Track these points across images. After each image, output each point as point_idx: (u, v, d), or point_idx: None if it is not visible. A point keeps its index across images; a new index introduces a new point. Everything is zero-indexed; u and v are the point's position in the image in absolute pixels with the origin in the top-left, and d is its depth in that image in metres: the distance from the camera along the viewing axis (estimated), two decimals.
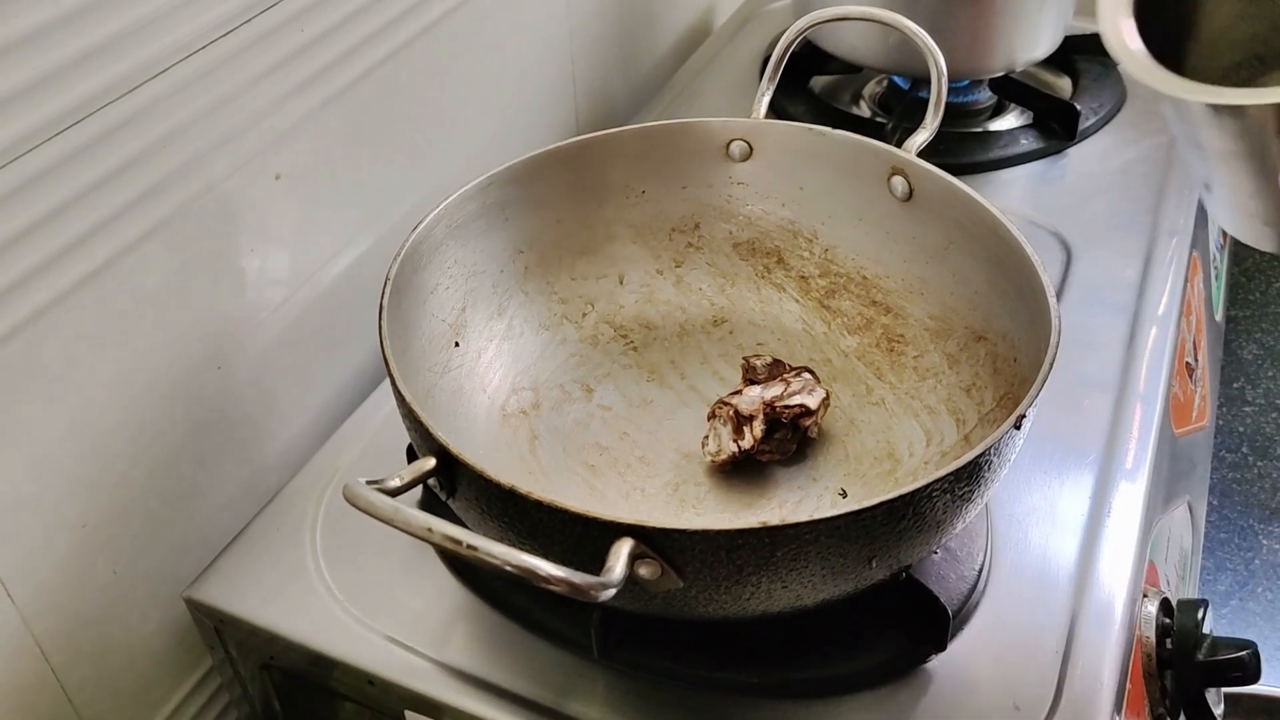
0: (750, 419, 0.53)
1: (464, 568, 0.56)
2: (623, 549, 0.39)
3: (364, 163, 0.67)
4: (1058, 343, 0.46)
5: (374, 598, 0.55)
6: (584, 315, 0.65)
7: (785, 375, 0.57)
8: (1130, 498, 0.58)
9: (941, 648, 0.50)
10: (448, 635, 0.53)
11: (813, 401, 0.54)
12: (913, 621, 0.50)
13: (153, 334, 0.55)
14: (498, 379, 0.60)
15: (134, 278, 0.53)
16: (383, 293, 0.51)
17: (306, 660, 0.54)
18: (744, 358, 0.58)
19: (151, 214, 0.53)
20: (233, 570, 0.56)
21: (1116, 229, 0.77)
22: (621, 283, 0.66)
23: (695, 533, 0.39)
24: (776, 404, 0.54)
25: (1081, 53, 0.94)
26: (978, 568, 0.54)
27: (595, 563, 0.39)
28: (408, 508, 0.37)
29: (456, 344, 0.58)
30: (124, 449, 0.55)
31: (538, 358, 0.62)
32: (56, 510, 0.52)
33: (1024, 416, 0.43)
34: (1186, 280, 0.74)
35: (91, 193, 0.50)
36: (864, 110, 0.94)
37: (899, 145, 0.60)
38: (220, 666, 0.59)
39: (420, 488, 0.51)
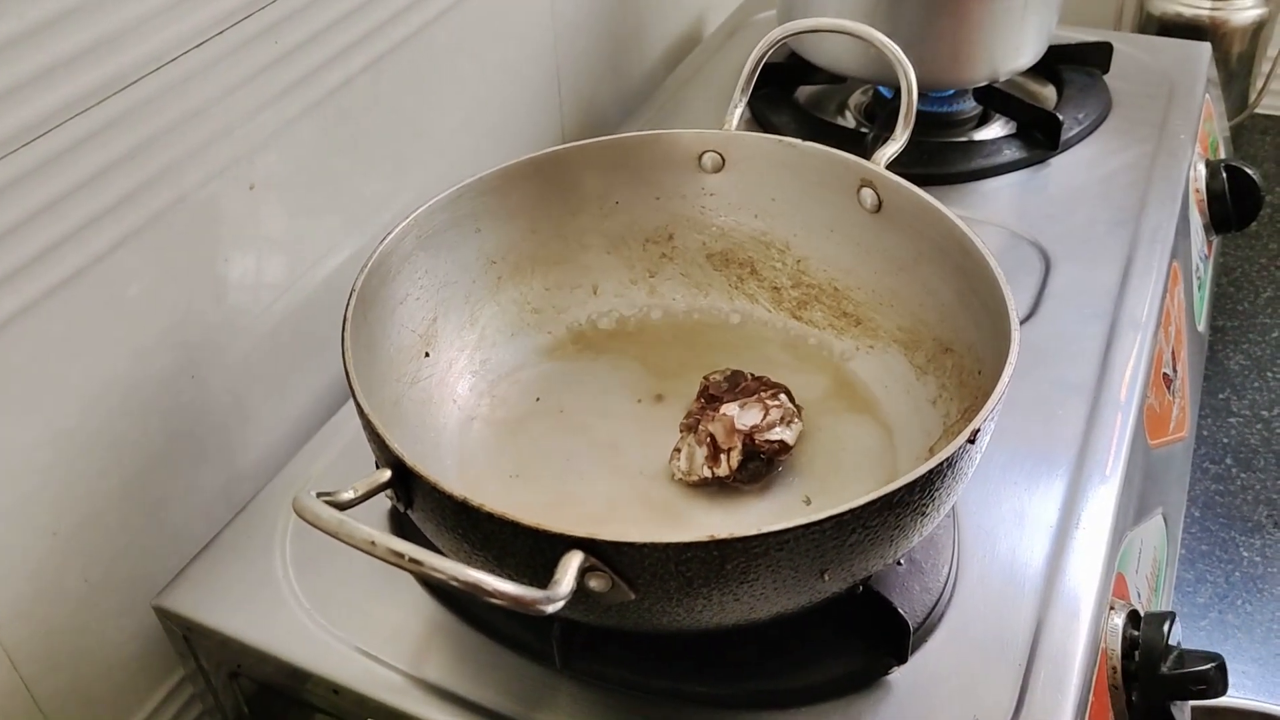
0: (728, 451, 0.53)
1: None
2: (572, 562, 0.39)
3: (343, 172, 0.67)
4: (1015, 360, 0.46)
5: (342, 607, 0.55)
6: (557, 324, 0.65)
7: (763, 396, 0.56)
8: (1100, 509, 0.58)
9: (903, 660, 0.50)
10: (415, 646, 0.53)
11: (790, 437, 0.55)
12: (874, 633, 0.50)
13: (126, 343, 0.56)
14: (469, 389, 0.61)
15: (106, 287, 0.54)
16: (347, 304, 0.51)
17: (274, 670, 0.54)
18: (704, 377, 0.58)
19: (123, 223, 0.54)
20: (202, 579, 0.57)
21: (1097, 239, 0.77)
22: (595, 293, 0.66)
23: (643, 545, 0.39)
24: (756, 436, 0.54)
25: (1066, 62, 0.94)
26: (943, 579, 0.54)
27: (549, 573, 0.40)
28: (353, 521, 0.37)
29: (427, 354, 0.59)
30: (96, 457, 0.55)
31: (510, 368, 0.63)
32: (27, 519, 0.53)
33: (978, 431, 0.43)
34: (1166, 290, 0.74)
35: (62, 202, 0.50)
36: (849, 120, 0.94)
37: (874, 155, 0.60)
38: (192, 676, 0.59)
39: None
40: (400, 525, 0.58)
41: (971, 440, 0.43)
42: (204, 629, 0.55)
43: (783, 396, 0.56)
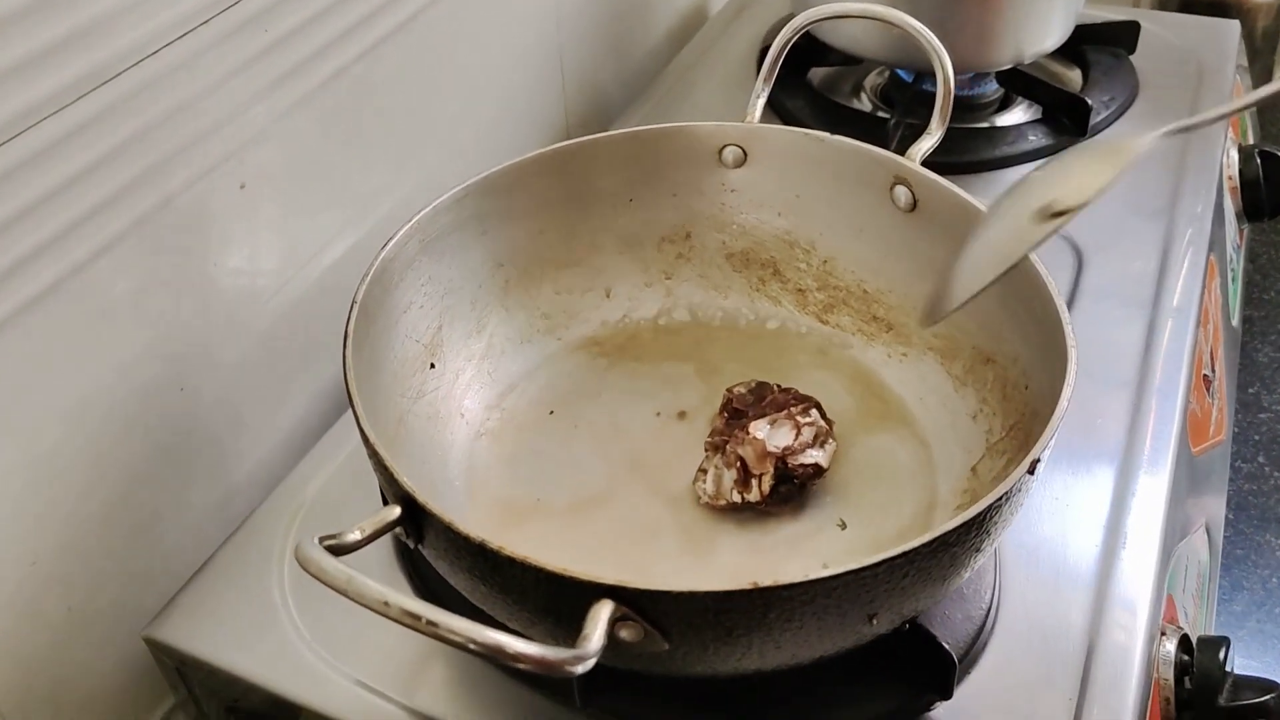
0: (759, 476, 0.50)
1: (439, 604, 0.52)
2: (601, 613, 0.36)
3: (338, 166, 0.63)
4: (1074, 380, 0.43)
5: (344, 637, 0.52)
6: (569, 331, 0.61)
7: (793, 412, 0.52)
8: (1147, 528, 0.55)
9: (947, 696, 0.47)
10: (421, 679, 0.50)
11: (824, 458, 0.51)
12: (916, 669, 0.47)
13: (108, 357, 0.52)
14: (477, 402, 0.57)
15: (86, 298, 0.50)
16: (348, 318, 0.47)
17: (272, 704, 0.51)
18: (727, 390, 0.55)
19: (105, 230, 0.50)
20: (195, 607, 0.53)
21: (1130, 231, 0.73)
22: (608, 296, 0.62)
23: (680, 594, 0.36)
24: (788, 458, 0.50)
25: (1093, 43, 0.90)
26: (985, 606, 0.51)
27: (574, 619, 0.36)
28: (363, 578, 0.34)
29: (432, 365, 0.55)
30: (77, 479, 0.52)
31: (519, 378, 0.59)
32: (4, 546, 0.49)
33: (1038, 461, 0.40)
34: (1204, 286, 0.71)
35: (37, 208, 0.46)
36: (865, 103, 0.90)
37: (902, 145, 0.56)
38: (184, 704, 0.56)
39: None
40: (408, 552, 0.55)
41: (1031, 471, 0.40)
42: (198, 662, 0.52)
43: (814, 412, 0.53)
